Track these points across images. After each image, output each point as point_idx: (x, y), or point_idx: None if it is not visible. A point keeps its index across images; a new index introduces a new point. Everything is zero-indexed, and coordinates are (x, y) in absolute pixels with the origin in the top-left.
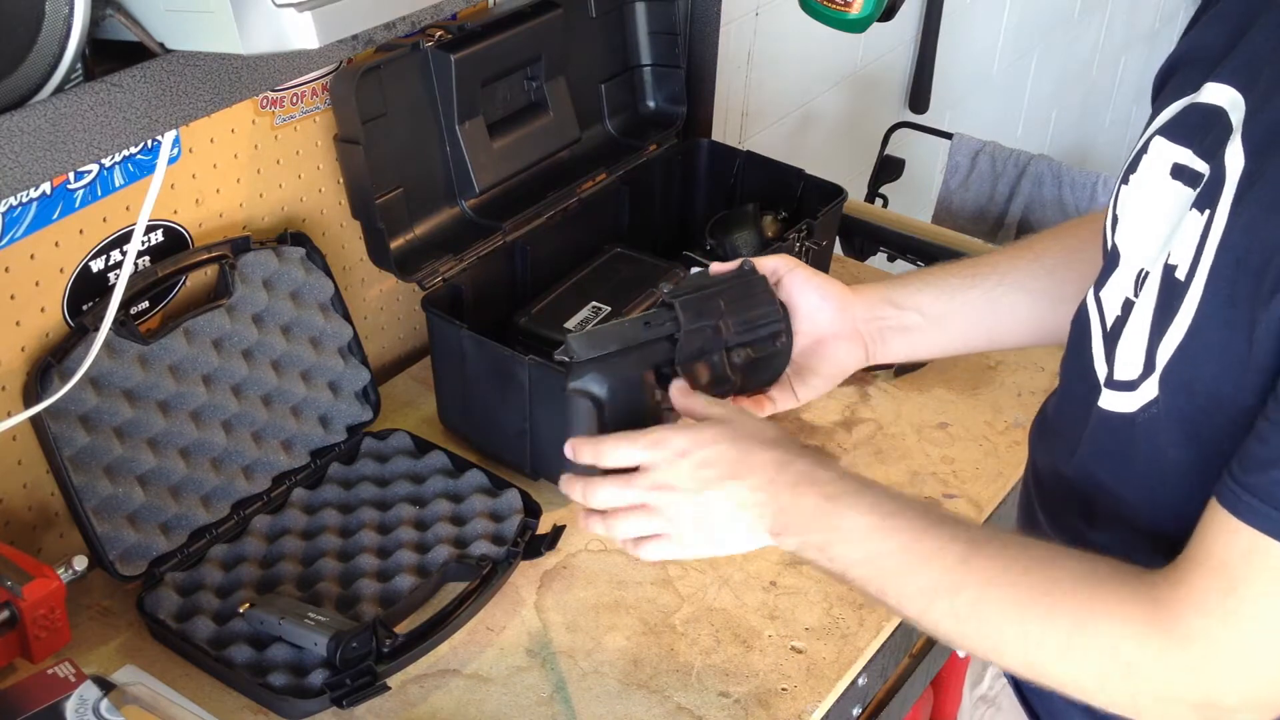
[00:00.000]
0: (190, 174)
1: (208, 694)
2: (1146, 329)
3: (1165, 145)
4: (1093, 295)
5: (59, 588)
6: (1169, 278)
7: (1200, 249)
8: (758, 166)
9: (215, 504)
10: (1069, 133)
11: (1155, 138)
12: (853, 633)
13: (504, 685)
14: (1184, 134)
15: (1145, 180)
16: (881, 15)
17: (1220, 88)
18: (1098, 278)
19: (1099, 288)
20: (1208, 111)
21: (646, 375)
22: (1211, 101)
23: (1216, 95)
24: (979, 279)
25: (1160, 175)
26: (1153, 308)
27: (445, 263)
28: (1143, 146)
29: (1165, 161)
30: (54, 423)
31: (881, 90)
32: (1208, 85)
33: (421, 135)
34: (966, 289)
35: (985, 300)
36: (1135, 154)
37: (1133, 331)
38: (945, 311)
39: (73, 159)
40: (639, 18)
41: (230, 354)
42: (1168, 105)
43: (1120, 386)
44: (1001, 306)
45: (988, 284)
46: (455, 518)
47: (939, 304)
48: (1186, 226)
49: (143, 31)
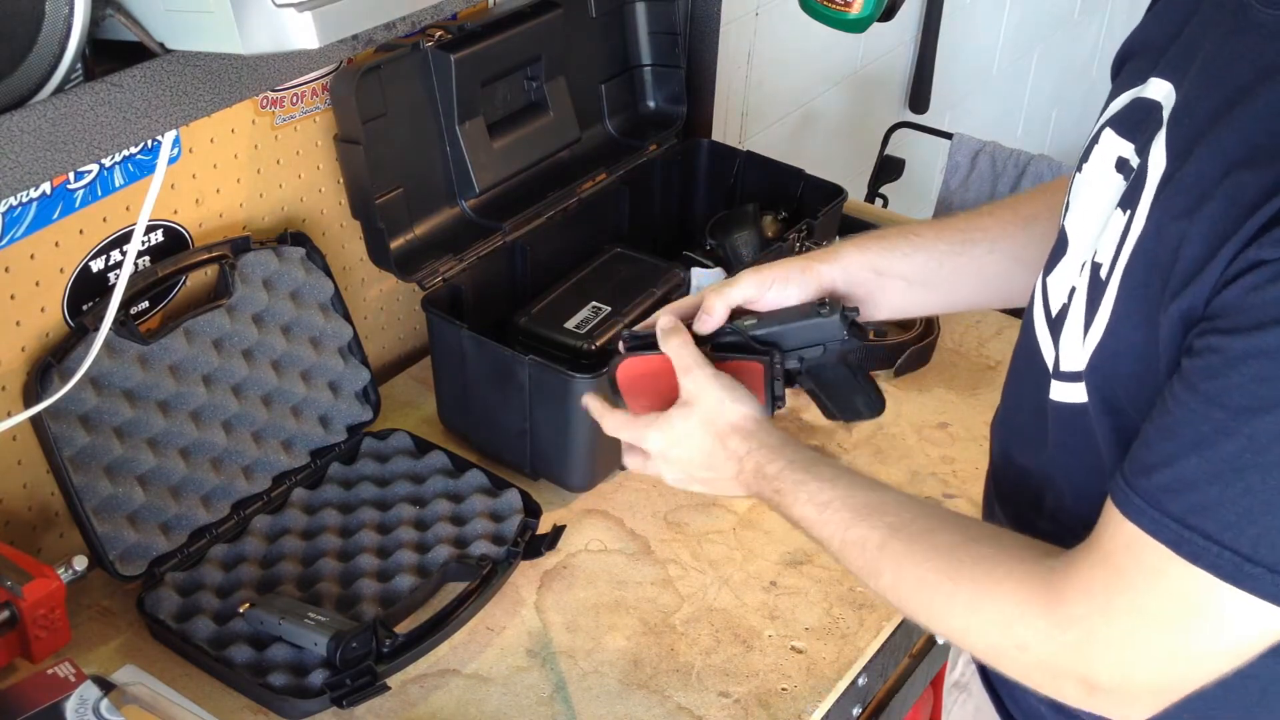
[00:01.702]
0: (190, 174)
1: (208, 694)
2: (1081, 323)
3: (1112, 138)
4: (1041, 279)
5: (59, 588)
6: (1094, 275)
7: (1119, 249)
8: (758, 166)
9: (215, 504)
10: (1069, 133)
11: (1105, 129)
12: (853, 633)
13: (504, 685)
14: (1128, 128)
15: (1094, 170)
16: (881, 15)
17: (1160, 82)
18: (1047, 261)
19: (1047, 272)
20: (1148, 106)
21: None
22: (1151, 96)
23: (1156, 90)
24: (969, 245)
25: (1106, 167)
26: (1084, 304)
27: (445, 263)
28: (1095, 136)
29: (1111, 154)
30: (54, 423)
31: (881, 90)
32: (1151, 80)
33: (421, 135)
34: (956, 255)
35: (974, 268)
36: (1089, 142)
37: (1073, 323)
38: (932, 279)
39: (73, 159)
40: (639, 18)
41: (230, 354)
42: (1119, 95)
43: (1068, 378)
44: (989, 273)
45: (978, 251)
46: (455, 518)
47: (926, 271)
48: (1111, 224)
49: (143, 31)
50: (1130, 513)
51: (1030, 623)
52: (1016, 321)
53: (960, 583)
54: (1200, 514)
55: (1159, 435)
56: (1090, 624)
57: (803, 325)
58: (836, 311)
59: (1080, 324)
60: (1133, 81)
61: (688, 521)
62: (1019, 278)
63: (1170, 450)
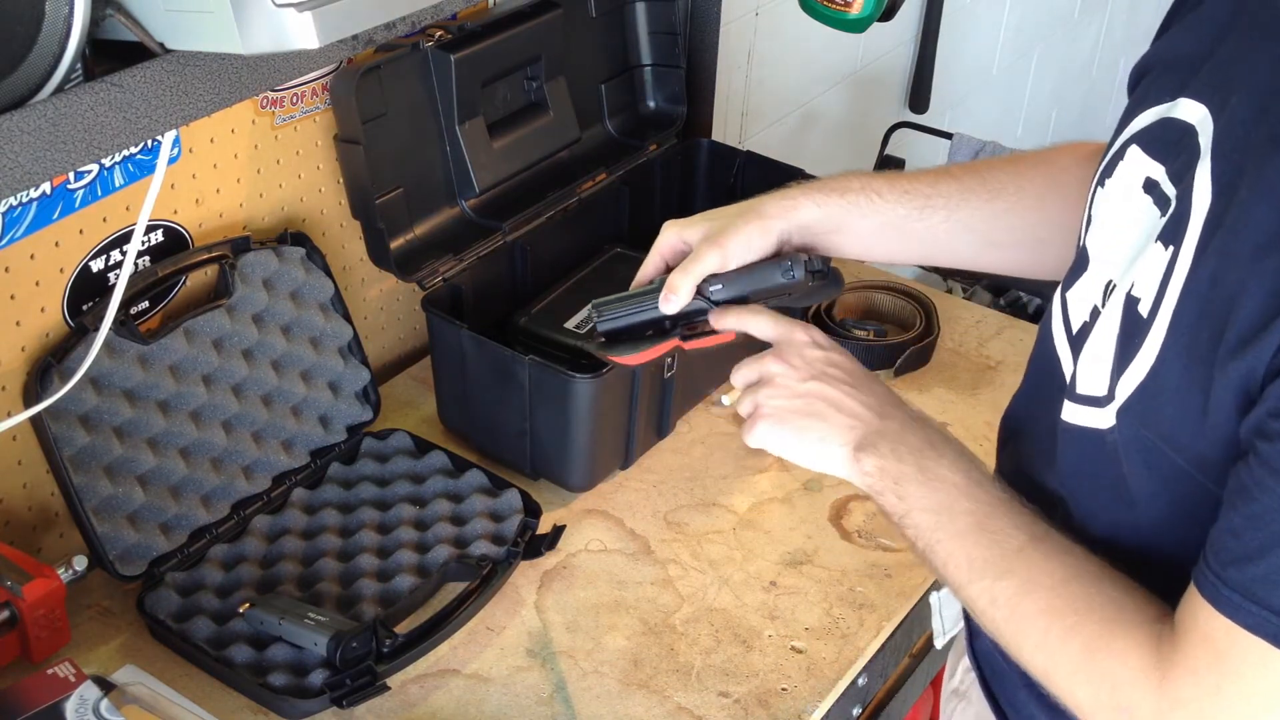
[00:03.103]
0: (190, 174)
1: (208, 694)
2: (1110, 354)
3: (1140, 156)
4: (1060, 294)
5: (59, 588)
6: (1132, 309)
7: (1163, 288)
8: (758, 166)
9: (215, 504)
10: (1069, 133)
11: (1131, 145)
12: (853, 633)
13: (504, 685)
14: (1158, 148)
15: (1119, 188)
16: (881, 15)
17: (1192, 104)
18: (1066, 276)
19: (1067, 287)
20: (1182, 129)
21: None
22: (1184, 118)
23: (1189, 112)
24: (928, 212)
25: (1133, 186)
26: (1116, 334)
27: (445, 263)
28: (1119, 152)
29: (1139, 173)
30: (54, 423)
31: (881, 90)
32: (1182, 100)
33: (421, 135)
34: (912, 220)
35: (926, 233)
36: (1112, 157)
37: (1098, 348)
38: (883, 238)
39: (73, 159)
40: (639, 18)
41: (230, 354)
42: (1143, 110)
43: (1086, 401)
44: (939, 237)
45: (935, 219)
46: (455, 518)
47: (879, 231)
48: (1151, 259)
49: (143, 31)
50: (1226, 609)
51: (1141, 691)
52: (1017, 321)
53: (1085, 619)
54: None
55: (1247, 525)
56: (1200, 706)
57: (769, 287)
58: (800, 266)
59: (1108, 353)
60: (1159, 98)
61: (688, 521)
62: (965, 247)
63: (1261, 541)
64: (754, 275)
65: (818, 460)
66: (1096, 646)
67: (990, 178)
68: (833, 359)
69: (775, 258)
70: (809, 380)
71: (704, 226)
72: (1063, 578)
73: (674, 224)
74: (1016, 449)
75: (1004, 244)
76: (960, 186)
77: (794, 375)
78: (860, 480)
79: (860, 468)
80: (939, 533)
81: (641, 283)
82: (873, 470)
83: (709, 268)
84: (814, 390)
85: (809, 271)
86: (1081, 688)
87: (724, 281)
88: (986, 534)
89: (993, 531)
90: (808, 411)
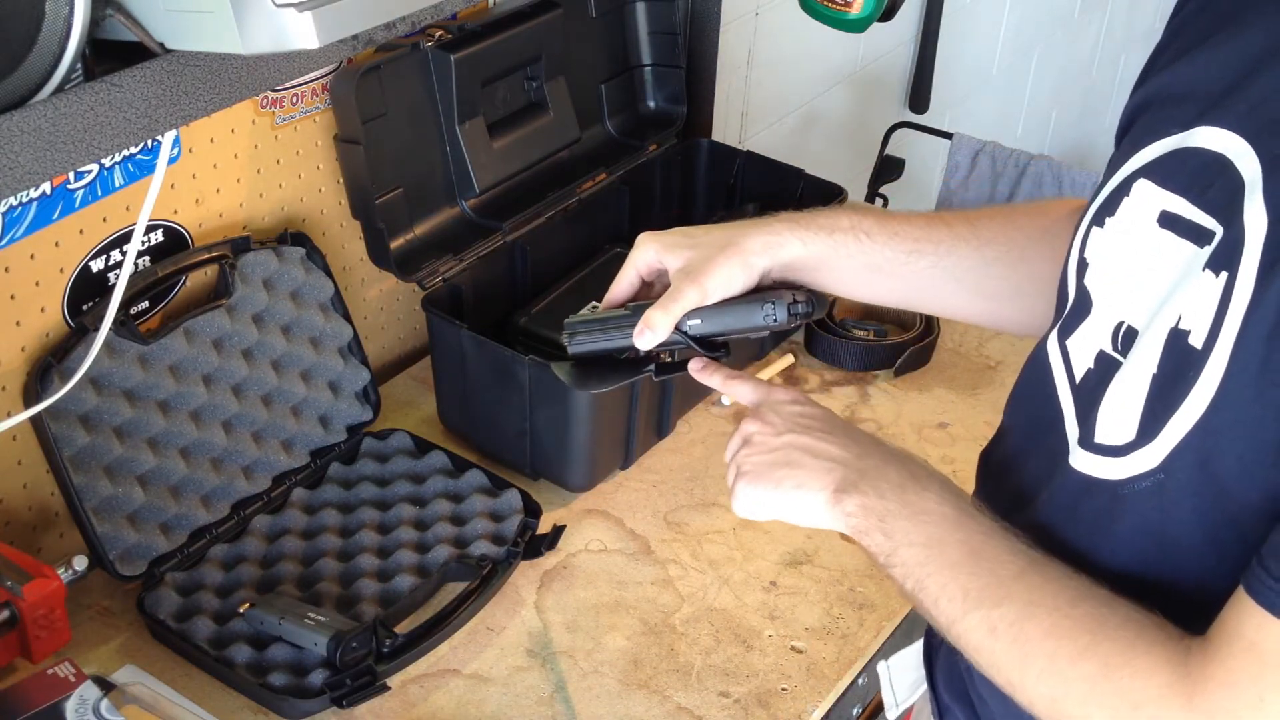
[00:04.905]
0: (190, 174)
1: (208, 694)
2: (1143, 395)
3: (1152, 190)
4: (1056, 342)
5: (59, 588)
6: (1179, 343)
7: (1220, 317)
8: (758, 166)
9: (215, 504)
10: (1069, 133)
11: (1138, 180)
12: (853, 633)
13: (504, 685)
14: (1177, 181)
15: (1127, 227)
16: (881, 15)
17: (1220, 133)
18: (1061, 323)
19: (1064, 335)
20: (1208, 159)
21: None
22: (1210, 148)
23: (1215, 141)
24: (915, 257)
25: (1145, 222)
26: (1152, 374)
27: (445, 263)
28: (1120, 188)
29: (1152, 208)
30: (54, 423)
31: (881, 90)
32: (1200, 129)
33: (421, 135)
34: (899, 265)
35: (912, 276)
36: (1110, 195)
37: (1122, 394)
38: (867, 281)
39: (73, 159)
40: (639, 18)
41: (230, 354)
42: (1145, 144)
43: (1102, 451)
44: (924, 284)
45: (921, 264)
46: (455, 518)
47: (863, 273)
48: (1199, 289)
49: (143, 31)
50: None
51: (1166, 706)
52: None
53: (1099, 639)
54: None
55: None
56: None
57: (750, 326)
58: (782, 309)
59: (1138, 397)
60: (1166, 130)
61: (688, 521)
62: (950, 295)
63: None
64: (734, 313)
65: (798, 510)
66: (1115, 665)
67: (982, 226)
68: (808, 411)
69: (757, 293)
70: (785, 434)
71: (683, 256)
72: (1069, 599)
73: (652, 240)
74: (1001, 493)
75: (989, 294)
76: (951, 234)
77: (769, 431)
78: (844, 523)
79: (842, 509)
80: (929, 566)
81: (614, 300)
82: (855, 510)
83: (688, 305)
84: (789, 441)
85: (791, 315)
86: (1098, 710)
87: (702, 316)
88: (981, 561)
89: (988, 559)
90: (784, 462)
